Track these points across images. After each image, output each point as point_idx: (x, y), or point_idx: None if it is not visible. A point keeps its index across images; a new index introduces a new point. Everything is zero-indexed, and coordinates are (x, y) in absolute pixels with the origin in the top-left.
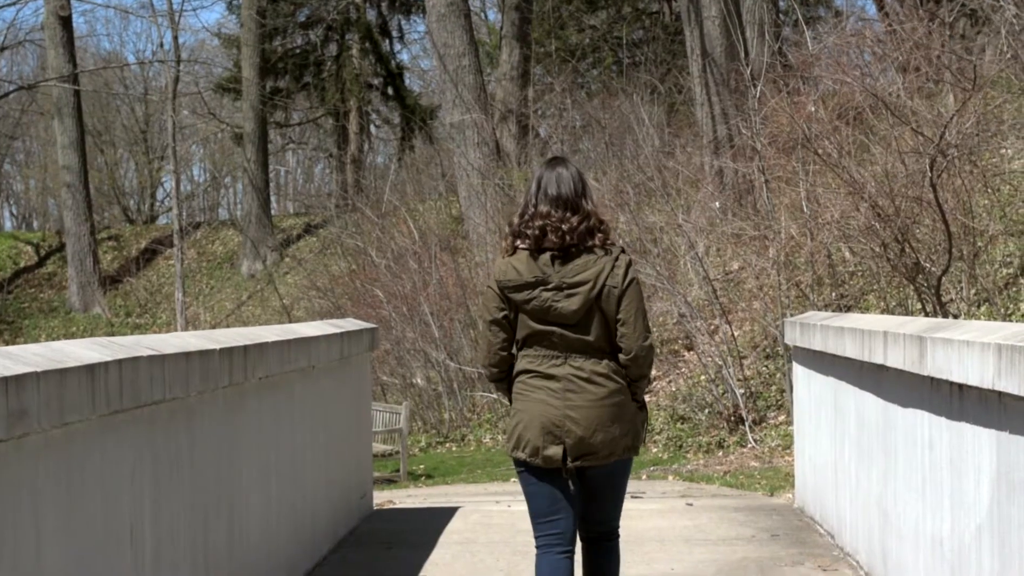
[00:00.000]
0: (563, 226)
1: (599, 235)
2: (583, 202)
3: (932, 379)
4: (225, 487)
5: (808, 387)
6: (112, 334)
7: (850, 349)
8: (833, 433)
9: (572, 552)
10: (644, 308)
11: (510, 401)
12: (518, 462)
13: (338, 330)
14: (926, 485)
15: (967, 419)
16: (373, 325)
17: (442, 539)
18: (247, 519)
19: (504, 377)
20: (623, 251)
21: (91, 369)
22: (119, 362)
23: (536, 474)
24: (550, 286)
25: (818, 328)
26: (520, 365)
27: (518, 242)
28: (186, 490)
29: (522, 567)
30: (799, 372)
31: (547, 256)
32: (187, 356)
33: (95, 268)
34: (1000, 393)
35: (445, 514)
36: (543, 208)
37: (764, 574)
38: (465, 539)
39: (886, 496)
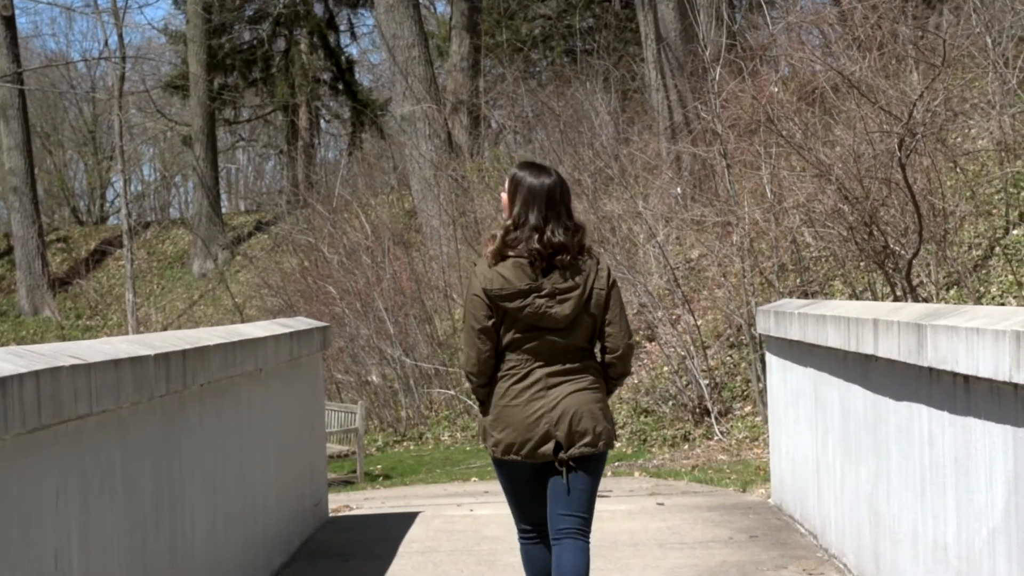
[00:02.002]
0: (555, 238)
1: (579, 242)
2: (565, 213)
3: (932, 370)
4: (165, 503)
5: (784, 379)
6: (63, 337)
7: (833, 338)
8: (814, 427)
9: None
10: (625, 309)
11: (486, 407)
12: (500, 464)
13: (287, 330)
14: (926, 485)
15: (975, 414)
16: (324, 323)
17: (402, 548)
18: (191, 536)
19: (487, 383)
20: (599, 254)
21: (2, 383)
22: (36, 374)
23: (524, 474)
24: (543, 293)
25: (795, 316)
26: (504, 369)
27: (509, 251)
28: (120, 509)
29: None
30: (773, 363)
31: (539, 265)
32: (117, 364)
33: (44, 271)
34: (1017, 386)
35: (405, 520)
36: (534, 220)
37: None
38: (426, 548)
39: (877, 495)
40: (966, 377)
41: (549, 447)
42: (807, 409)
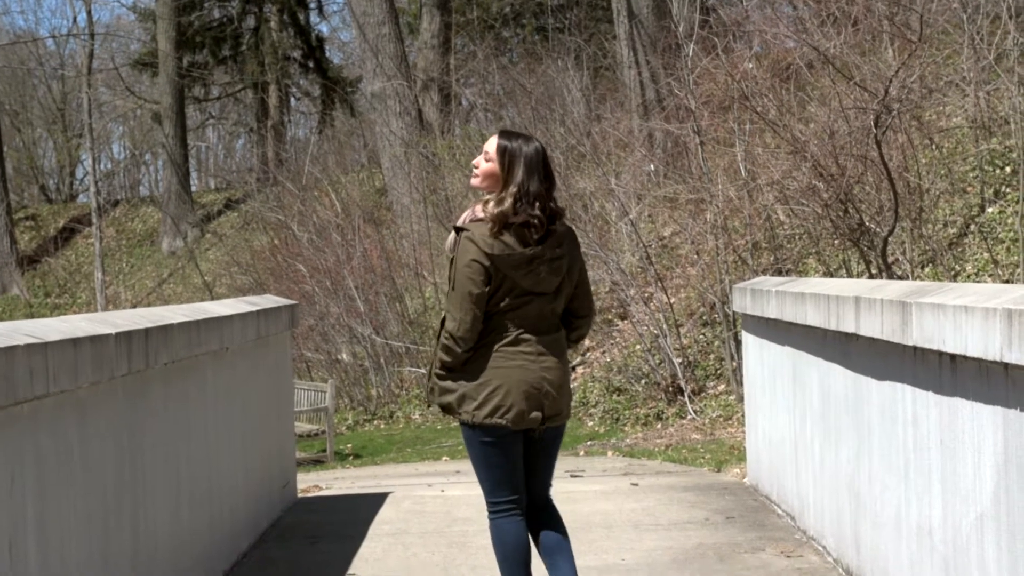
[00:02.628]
0: (550, 204)
1: (560, 210)
2: (552, 181)
3: (917, 349)
4: (127, 486)
5: (760, 357)
6: (31, 315)
7: (812, 316)
8: (792, 407)
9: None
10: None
11: (456, 372)
12: (485, 430)
13: (254, 308)
14: (909, 467)
15: (963, 394)
16: (292, 301)
17: (372, 530)
18: (154, 519)
19: (472, 348)
20: None
21: None
22: None
23: (506, 440)
24: (544, 259)
25: (773, 294)
26: (490, 336)
27: (513, 219)
28: (79, 493)
29: (459, 560)
30: (750, 341)
31: (530, 230)
32: (75, 343)
33: (12, 248)
34: (1008, 365)
35: (375, 501)
36: (535, 187)
37: (723, 562)
38: (397, 530)
39: (859, 477)
40: (953, 356)
41: (537, 415)
42: (785, 389)
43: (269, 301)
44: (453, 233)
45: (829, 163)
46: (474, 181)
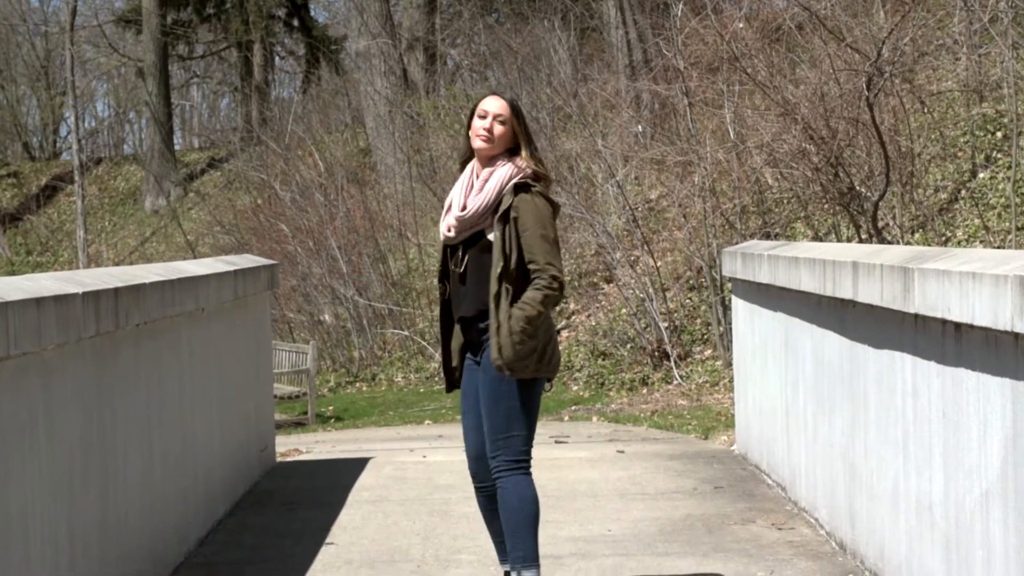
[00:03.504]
0: None
1: None
2: None
3: (919, 316)
4: (95, 453)
5: (751, 323)
6: (12, 274)
7: (807, 282)
8: (783, 375)
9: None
10: None
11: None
12: (540, 382)
13: (231, 267)
14: (908, 439)
15: (968, 365)
16: (272, 261)
17: (351, 497)
18: (124, 486)
19: None
20: None
21: None
22: None
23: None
24: None
25: (765, 258)
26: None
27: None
28: (42, 461)
29: (440, 529)
30: (739, 307)
31: None
32: (39, 303)
33: None
34: (1019, 335)
35: (355, 466)
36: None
37: (712, 534)
38: (377, 496)
39: (854, 448)
40: (958, 325)
41: None
42: (776, 356)
43: (248, 261)
44: (512, 192)
45: (820, 126)
46: (486, 146)
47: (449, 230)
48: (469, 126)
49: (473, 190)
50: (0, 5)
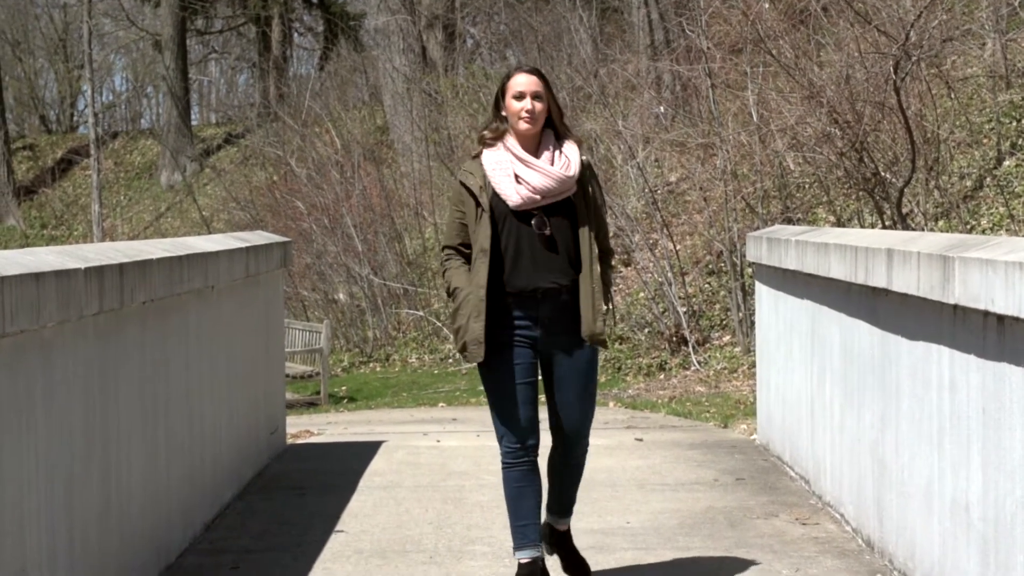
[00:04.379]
0: None
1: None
2: None
3: (958, 307)
4: (97, 435)
5: (776, 310)
6: (27, 246)
7: (837, 269)
8: (809, 364)
9: None
10: (445, 219)
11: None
12: None
13: (243, 244)
14: (944, 436)
15: (1012, 359)
16: (285, 239)
17: (363, 482)
18: (127, 469)
19: None
20: (467, 160)
21: None
22: None
23: None
24: None
25: (792, 244)
26: None
27: None
28: (40, 443)
29: (454, 518)
30: (764, 293)
31: None
32: (38, 278)
33: (9, 178)
34: None
35: (367, 450)
36: None
37: (735, 528)
38: (389, 482)
39: (884, 443)
40: (1001, 317)
41: None
42: (802, 344)
43: (260, 238)
44: (580, 165)
45: (845, 109)
46: (532, 128)
47: (535, 192)
48: (498, 104)
49: (554, 162)
50: None
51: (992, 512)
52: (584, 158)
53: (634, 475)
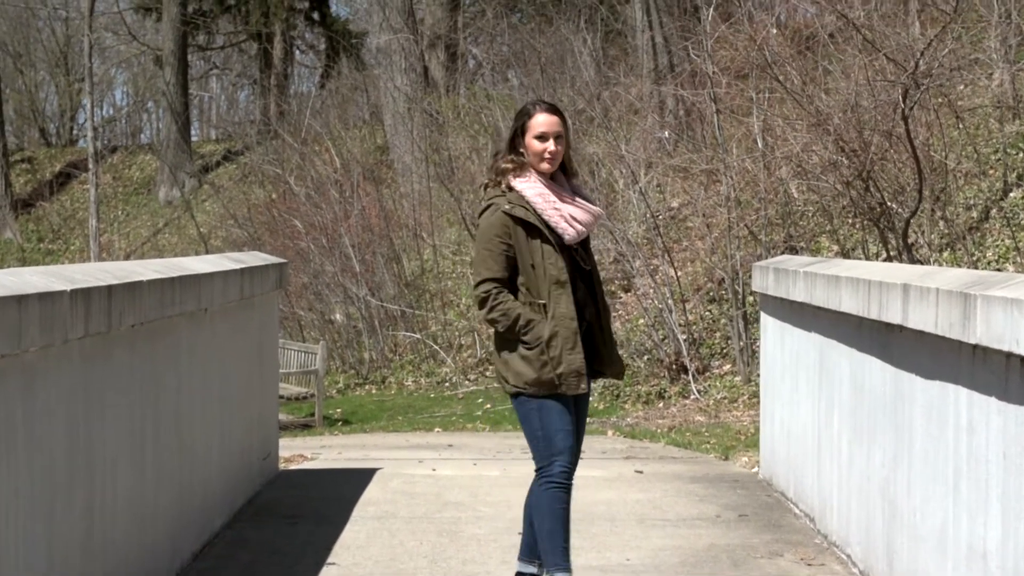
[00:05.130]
0: None
1: (490, 177)
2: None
3: (978, 347)
4: (81, 462)
5: (781, 342)
6: (24, 260)
7: (848, 303)
8: (816, 399)
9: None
10: (479, 253)
11: None
12: None
13: (238, 265)
14: (960, 479)
15: None
16: (281, 260)
17: (356, 512)
18: (112, 498)
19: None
20: (501, 194)
21: None
22: None
23: None
24: None
25: (801, 275)
26: None
27: None
28: (20, 472)
29: (449, 552)
30: (769, 324)
31: None
32: (20, 300)
33: (7, 191)
34: None
35: (361, 477)
36: None
37: (738, 568)
38: (383, 512)
39: (895, 483)
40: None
41: None
42: (809, 378)
43: (256, 259)
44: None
45: (852, 137)
46: (553, 168)
47: (585, 227)
48: (516, 136)
49: (586, 198)
50: None
51: (1012, 562)
52: None
53: (634, 509)
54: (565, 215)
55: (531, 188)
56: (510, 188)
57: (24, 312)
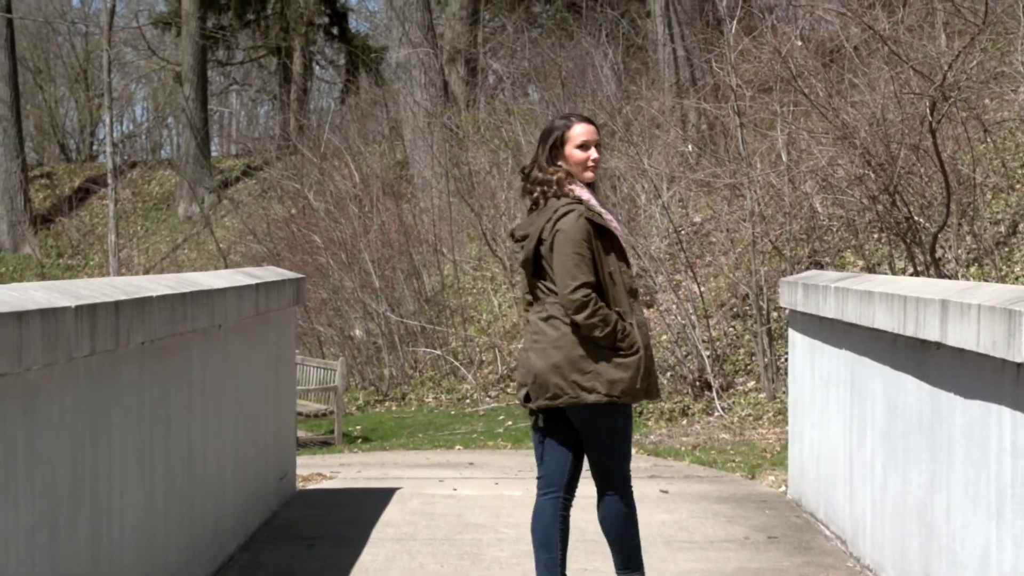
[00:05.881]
0: (523, 182)
1: (540, 188)
2: (542, 155)
3: (1023, 366)
4: (86, 485)
5: (811, 360)
6: (43, 275)
7: (882, 319)
8: (848, 418)
9: (559, 496)
10: (570, 257)
11: None
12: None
13: (253, 281)
14: (1004, 504)
15: None
16: (298, 275)
17: (375, 533)
18: (120, 522)
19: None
20: (576, 202)
21: None
22: None
23: (533, 416)
24: (516, 237)
25: (832, 291)
26: None
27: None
28: (20, 496)
29: (471, 575)
30: (798, 341)
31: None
32: (20, 317)
33: (26, 206)
34: None
35: (380, 498)
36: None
37: None
38: (403, 534)
39: (932, 507)
40: None
41: (523, 393)
42: (840, 397)
43: (272, 274)
44: None
45: (879, 151)
46: (595, 177)
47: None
48: (555, 148)
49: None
50: (44, 7)
51: None
52: None
53: (660, 531)
54: (618, 226)
55: (590, 197)
56: (577, 199)
57: (25, 329)
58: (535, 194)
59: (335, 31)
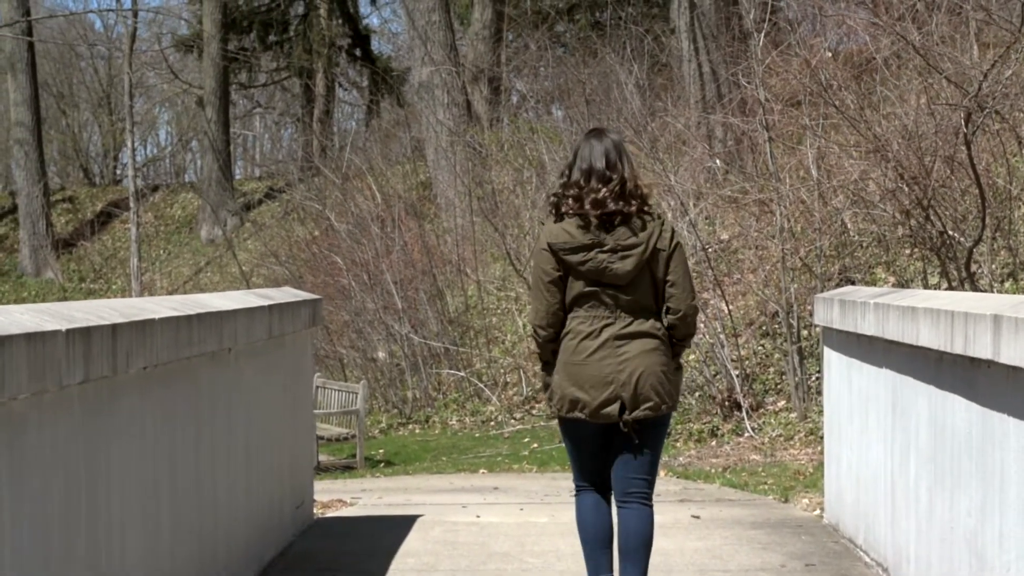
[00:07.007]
0: (594, 196)
1: (635, 201)
2: (615, 172)
3: None
4: (81, 524)
5: (848, 379)
6: (65, 300)
7: (926, 336)
8: (889, 440)
9: (606, 495)
10: (690, 271)
11: (549, 366)
12: (569, 421)
13: (266, 302)
14: None
15: None
16: (314, 296)
17: (395, 564)
18: (120, 563)
19: (555, 337)
20: (664, 214)
21: None
22: None
23: (588, 431)
24: (606, 248)
25: (871, 307)
26: (570, 325)
27: (562, 207)
28: (6, 538)
29: None
30: (833, 360)
31: (596, 222)
32: (3, 342)
33: (48, 230)
34: None
35: (401, 526)
36: (576, 177)
37: None
38: (423, 565)
39: (984, 535)
40: None
41: (614, 408)
42: (880, 418)
43: (286, 295)
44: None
45: (912, 164)
46: None
47: None
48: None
49: None
50: (64, 29)
51: None
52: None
53: (692, 559)
54: None
55: None
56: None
57: (7, 355)
58: (633, 207)
59: (358, 52)
